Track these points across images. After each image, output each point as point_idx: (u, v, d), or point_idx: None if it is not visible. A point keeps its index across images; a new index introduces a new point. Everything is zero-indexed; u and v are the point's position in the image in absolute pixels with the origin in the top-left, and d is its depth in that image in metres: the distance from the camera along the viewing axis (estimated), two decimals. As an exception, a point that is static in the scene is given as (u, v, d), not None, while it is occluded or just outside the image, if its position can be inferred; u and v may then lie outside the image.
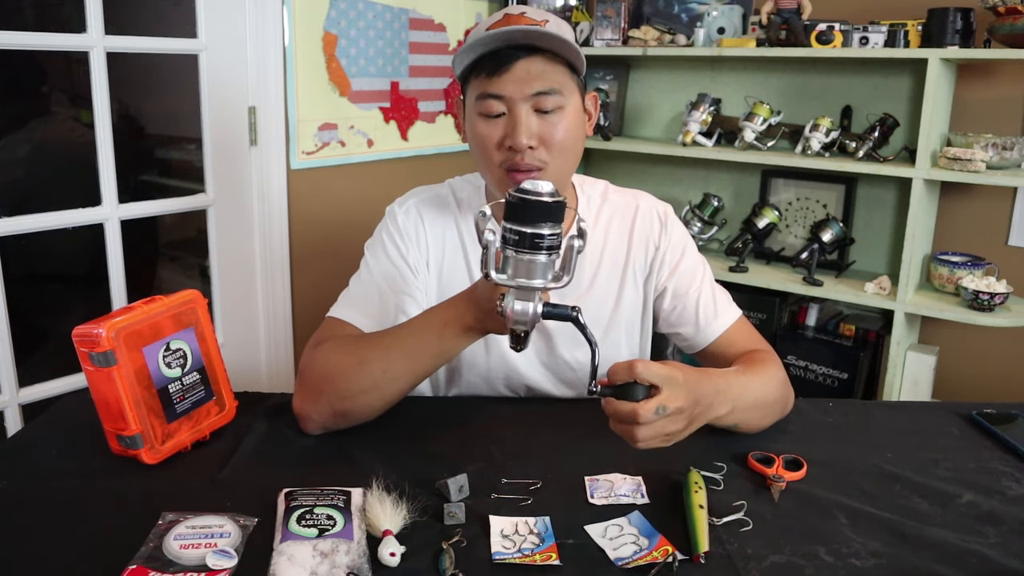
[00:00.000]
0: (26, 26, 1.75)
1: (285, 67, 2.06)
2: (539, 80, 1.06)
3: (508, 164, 1.09)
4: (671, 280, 1.22)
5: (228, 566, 0.78)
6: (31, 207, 1.73)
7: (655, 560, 0.80)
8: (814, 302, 2.48)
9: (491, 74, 1.07)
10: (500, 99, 1.07)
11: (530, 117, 1.07)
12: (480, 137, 1.10)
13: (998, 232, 2.29)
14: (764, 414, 1.09)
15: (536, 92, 1.06)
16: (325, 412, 1.04)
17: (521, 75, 1.06)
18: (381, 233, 1.22)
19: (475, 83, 1.10)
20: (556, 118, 1.08)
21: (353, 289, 1.18)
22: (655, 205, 1.27)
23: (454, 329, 1.00)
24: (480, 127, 1.10)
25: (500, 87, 1.06)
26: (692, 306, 1.21)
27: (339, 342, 1.08)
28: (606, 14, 2.67)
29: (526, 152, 1.07)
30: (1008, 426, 1.12)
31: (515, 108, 1.07)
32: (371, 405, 1.04)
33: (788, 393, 1.14)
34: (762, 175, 2.62)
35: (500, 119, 1.08)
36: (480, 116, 1.10)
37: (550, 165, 1.09)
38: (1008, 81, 2.21)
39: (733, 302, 1.24)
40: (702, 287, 1.22)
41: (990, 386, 2.31)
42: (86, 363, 0.94)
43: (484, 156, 1.11)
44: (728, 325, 1.20)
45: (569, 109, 1.10)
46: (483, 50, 1.07)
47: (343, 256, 1.50)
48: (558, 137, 1.08)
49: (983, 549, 0.84)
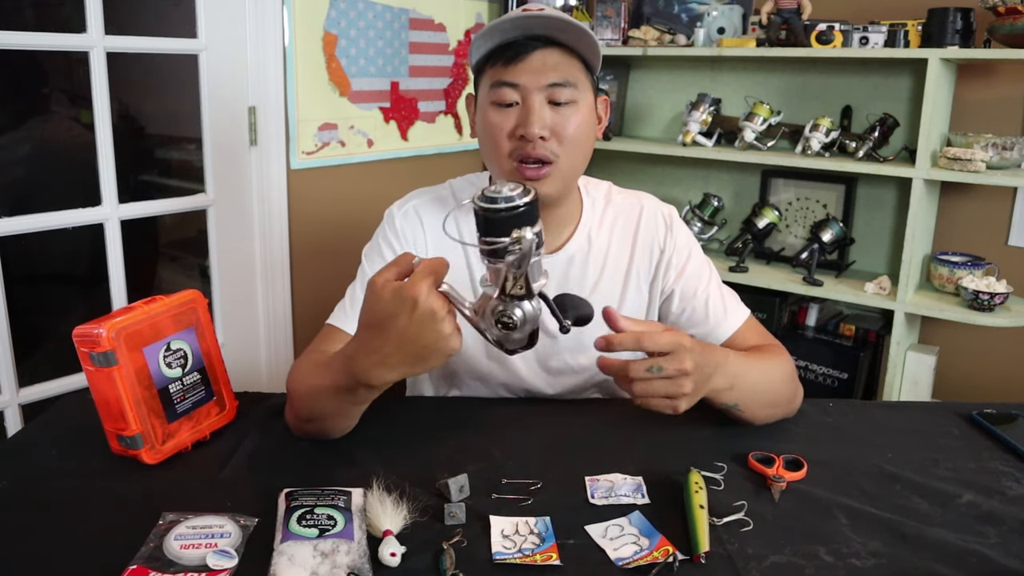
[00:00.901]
0: (26, 26, 1.75)
1: (285, 67, 2.06)
2: (555, 71, 1.07)
3: (518, 154, 1.08)
4: (678, 283, 1.22)
5: (228, 566, 0.78)
6: (31, 207, 1.73)
7: (655, 560, 0.80)
8: (814, 302, 2.48)
9: (507, 63, 1.07)
10: (515, 88, 1.07)
11: (543, 108, 1.07)
12: (491, 126, 1.10)
13: (998, 232, 2.29)
14: (767, 400, 1.09)
15: (551, 83, 1.07)
16: (294, 427, 1.04)
17: (537, 65, 1.06)
18: (378, 237, 1.21)
19: (490, 72, 1.10)
20: (569, 111, 1.08)
21: (348, 297, 1.17)
22: (659, 207, 1.27)
23: (364, 395, 0.92)
24: (492, 116, 1.10)
25: (515, 76, 1.06)
26: (701, 308, 1.20)
27: (305, 361, 1.07)
28: (606, 14, 2.67)
29: (537, 143, 1.07)
30: (1008, 426, 1.12)
31: (529, 97, 1.07)
32: (320, 432, 1.02)
33: (795, 388, 1.14)
34: (762, 175, 2.62)
35: (513, 109, 1.08)
36: (493, 105, 1.09)
37: (561, 159, 1.09)
38: (1008, 81, 2.21)
39: (741, 302, 1.24)
40: (710, 288, 1.22)
41: (990, 386, 2.31)
42: (86, 363, 0.94)
43: (494, 145, 1.10)
44: (739, 325, 1.20)
45: (582, 105, 1.10)
46: (501, 37, 1.07)
47: (343, 256, 1.50)
48: (570, 130, 1.08)
49: (983, 549, 0.84)
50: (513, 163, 1.09)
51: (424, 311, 0.80)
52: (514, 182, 0.81)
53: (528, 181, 1.08)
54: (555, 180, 1.10)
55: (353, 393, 0.91)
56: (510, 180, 0.87)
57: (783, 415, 1.14)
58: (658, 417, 1.14)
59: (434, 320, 0.81)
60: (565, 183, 1.13)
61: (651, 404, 0.90)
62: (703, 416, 1.13)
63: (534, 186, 0.98)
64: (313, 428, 1.02)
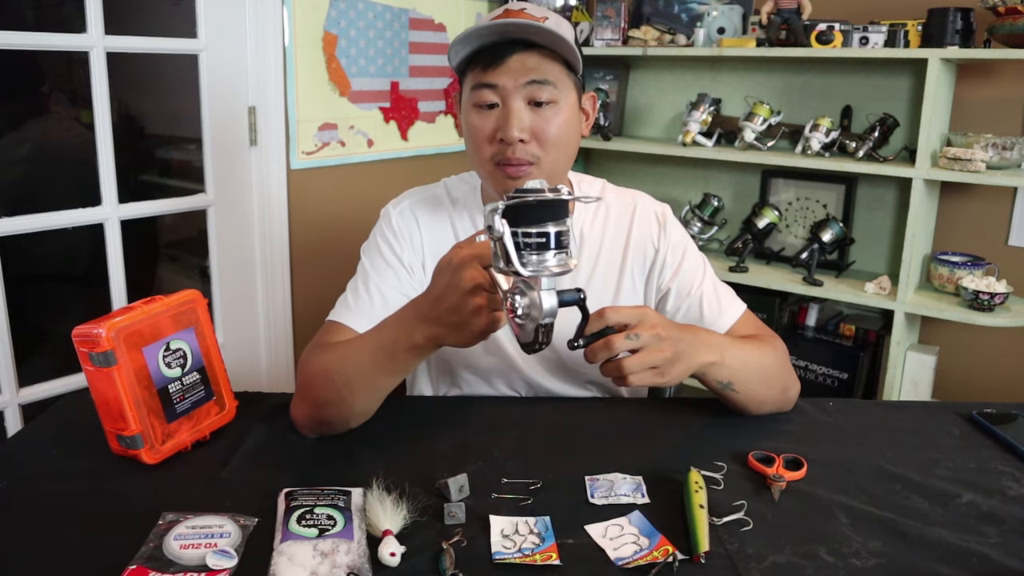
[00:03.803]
0: (26, 26, 1.75)
1: (285, 67, 2.06)
2: (534, 71, 1.07)
3: (499, 158, 1.09)
4: (674, 281, 1.22)
5: (228, 566, 0.78)
6: (31, 207, 1.73)
7: (655, 560, 0.80)
8: (814, 302, 2.48)
9: (487, 66, 1.08)
10: (494, 89, 1.08)
11: (523, 110, 1.08)
12: (473, 128, 1.11)
13: (998, 232, 2.29)
14: (761, 382, 1.10)
15: (530, 80, 1.07)
16: (307, 418, 1.04)
17: (516, 67, 1.07)
18: (376, 235, 1.22)
19: (471, 75, 1.11)
20: (550, 112, 1.09)
21: (351, 292, 1.18)
22: (653, 206, 1.27)
23: (404, 346, 0.95)
24: (473, 118, 1.11)
25: (495, 77, 1.07)
26: (697, 304, 1.21)
27: (318, 349, 1.08)
28: (606, 14, 2.67)
29: (517, 146, 1.07)
30: (1008, 426, 1.12)
31: (508, 99, 1.08)
32: (342, 415, 1.03)
33: (790, 376, 1.15)
34: (762, 175, 2.62)
35: (493, 111, 1.09)
36: (474, 107, 1.10)
37: (542, 160, 1.10)
38: (1008, 81, 2.21)
39: (737, 297, 1.24)
40: (704, 285, 1.22)
41: (990, 386, 2.31)
42: (86, 363, 0.94)
43: (476, 148, 1.12)
44: (735, 319, 1.20)
45: (564, 105, 1.10)
46: (479, 43, 1.08)
47: (343, 256, 1.50)
48: (551, 132, 1.09)
49: (983, 549, 0.84)
50: (493, 166, 1.10)
51: (459, 277, 0.85)
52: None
53: (509, 180, 1.09)
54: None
55: (392, 357, 0.96)
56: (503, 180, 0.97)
57: (778, 405, 1.14)
58: (658, 417, 1.15)
59: (465, 290, 0.84)
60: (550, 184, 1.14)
61: (641, 380, 0.93)
62: (703, 416, 1.13)
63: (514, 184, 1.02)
64: (330, 413, 1.02)
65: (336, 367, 1.02)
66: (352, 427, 1.04)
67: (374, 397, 1.03)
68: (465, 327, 0.87)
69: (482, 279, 0.85)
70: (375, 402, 1.04)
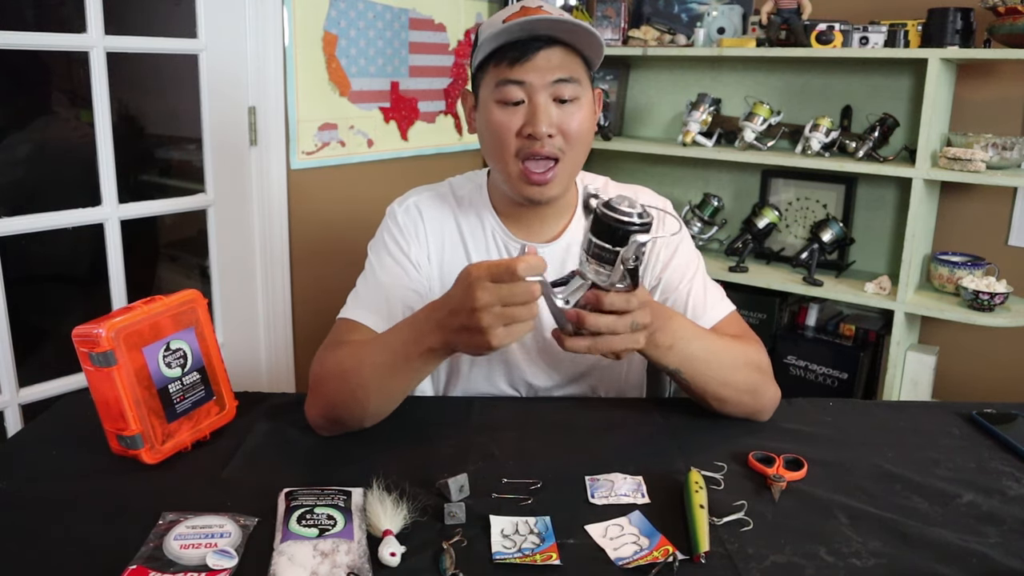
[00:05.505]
0: (26, 26, 1.75)
1: (285, 67, 2.06)
2: (560, 69, 1.08)
3: (525, 153, 1.09)
4: (663, 274, 1.22)
5: (228, 566, 0.78)
6: (31, 207, 1.73)
7: (655, 560, 0.80)
8: (814, 302, 2.48)
9: (513, 63, 1.07)
10: (520, 85, 1.08)
11: (550, 106, 1.08)
12: (496, 124, 1.10)
13: (998, 232, 2.29)
14: (716, 376, 1.07)
15: (557, 79, 1.08)
16: (321, 417, 1.04)
17: (543, 64, 1.07)
18: (383, 233, 1.23)
19: (493, 71, 1.10)
20: (574, 108, 1.10)
21: (360, 289, 1.18)
22: (653, 200, 1.27)
23: (418, 349, 0.96)
24: (497, 115, 1.10)
25: (521, 74, 1.07)
26: (682, 300, 1.20)
27: (332, 348, 1.09)
28: (606, 14, 2.67)
29: (545, 140, 1.08)
30: (1008, 426, 1.12)
31: (536, 96, 1.08)
32: (355, 415, 1.03)
33: (762, 381, 1.11)
34: (762, 175, 2.62)
35: (519, 107, 1.09)
36: (497, 104, 1.10)
37: (566, 155, 1.11)
38: (1008, 81, 2.21)
39: (726, 297, 1.24)
40: (693, 281, 1.22)
41: (990, 386, 2.31)
42: (86, 363, 0.94)
43: (500, 145, 1.11)
44: (718, 319, 1.19)
45: (584, 101, 1.11)
46: (507, 38, 1.07)
47: (343, 256, 1.50)
48: (575, 128, 1.10)
49: (983, 549, 0.84)
50: (519, 163, 1.10)
51: (469, 297, 0.86)
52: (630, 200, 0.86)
53: (534, 186, 1.10)
54: (560, 181, 1.12)
55: (407, 359, 0.97)
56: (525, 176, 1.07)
57: (745, 408, 1.11)
58: (658, 417, 1.15)
59: (474, 308, 0.85)
60: (569, 182, 1.16)
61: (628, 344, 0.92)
62: (703, 416, 1.13)
63: (541, 191, 1.09)
64: (344, 413, 1.02)
65: (351, 367, 1.02)
66: (367, 427, 1.05)
67: (389, 399, 1.03)
68: (475, 341, 0.88)
69: (492, 299, 0.85)
70: (390, 404, 1.04)
